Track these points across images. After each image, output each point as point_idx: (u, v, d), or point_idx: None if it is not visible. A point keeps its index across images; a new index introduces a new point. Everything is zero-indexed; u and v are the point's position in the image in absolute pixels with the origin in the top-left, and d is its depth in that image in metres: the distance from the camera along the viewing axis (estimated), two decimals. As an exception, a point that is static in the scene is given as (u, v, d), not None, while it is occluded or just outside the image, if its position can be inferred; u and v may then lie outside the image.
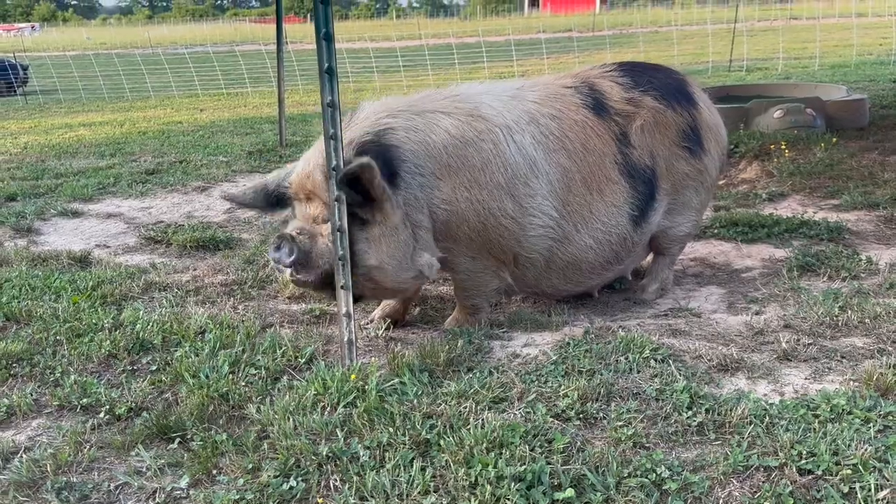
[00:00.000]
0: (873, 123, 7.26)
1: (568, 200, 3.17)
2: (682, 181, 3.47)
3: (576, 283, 3.40)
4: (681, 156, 3.43)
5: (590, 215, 3.23)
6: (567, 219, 3.18)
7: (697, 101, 3.51)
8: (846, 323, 3.05)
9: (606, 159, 3.25)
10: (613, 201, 3.27)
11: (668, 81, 3.49)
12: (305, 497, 2.08)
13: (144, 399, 2.67)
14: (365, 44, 23.41)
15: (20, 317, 3.42)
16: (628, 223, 3.33)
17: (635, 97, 3.36)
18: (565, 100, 3.28)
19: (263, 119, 10.65)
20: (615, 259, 3.41)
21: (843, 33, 20.28)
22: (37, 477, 2.23)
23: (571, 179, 3.18)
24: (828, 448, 2.11)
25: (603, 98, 3.33)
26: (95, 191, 6.19)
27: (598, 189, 3.24)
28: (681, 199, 3.51)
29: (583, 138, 3.22)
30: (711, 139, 3.52)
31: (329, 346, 3.08)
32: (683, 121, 3.42)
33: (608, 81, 3.40)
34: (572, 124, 3.22)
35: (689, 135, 3.43)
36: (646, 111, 3.35)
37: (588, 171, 3.21)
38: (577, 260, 3.28)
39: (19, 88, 16.26)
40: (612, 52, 18.35)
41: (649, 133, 3.34)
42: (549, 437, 2.25)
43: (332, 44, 2.60)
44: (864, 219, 4.63)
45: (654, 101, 3.37)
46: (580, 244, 3.24)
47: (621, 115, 3.32)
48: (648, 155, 3.34)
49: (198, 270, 4.19)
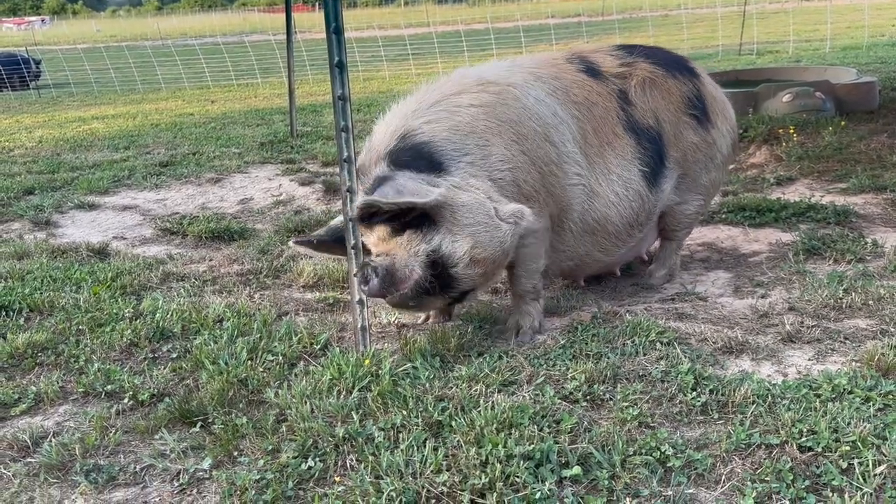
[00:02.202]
0: (883, 106, 7.24)
1: (587, 151, 3.17)
2: (691, 153, 3.47)
3: (605, 249, 3.34)
4: (688, 123, 3.43)
5: (606, 168, 3.21)
6: (590, 170, 3.16)
7: (699, 74, 3.56)
8: (850, 305, 3.10)
9: (610, 114, 3.25)
10: (622, 154, 3.25)
11: (665, 55, 3.54)
12: (323, 476, 2.16)
13: (166, 385, 2.77)
14: (373, 32, 23.40)
15: (43, 307, 3.52)
16: (641, 179, 3.29)
17: (629, 62, 3.40)
18: (560, 66, 3.32)
19: (274, 110, 10.73)
20: (635, 221, 3.35)
21: (854, 15, 20.09)
22: (66, 460, 2.33)
23: (585, 130, 3.17)
24: (828, 426, 2.18)
25: (596, 66, 3.36)
26: (111, 183, 6.29)
27: (608, 142, 3.23)
28: (691, 173, 3.51)
29: (585, 93, 3.23)
30: (718, 112, 3.54)
31: (343, 333, 3.17)
32: (687, 89, 3.44)
33: (600, 55, 3.45)
34: (572, 83, 3.23)
35: (694, 103, 3.44)
36: (641, 72, 3.37)
37: (596, 123, 3.21)
38: (604, 218, 3.22)
39: (32, 82, 16.40)
40: (622, 37, 18.28)
41: (649, 93, 3.35)
42: (556, 418, 2.33)
43: (342, 38, 2.67)
44: (872, 202, 4.66)
45: (650, 65, 3.40)
46: (604, 198, 3.20)
47: (617, 76, 3.34)
48: (652, 116, 3.34)
49: (214, 261, 4.29)
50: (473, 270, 2.78)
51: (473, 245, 2.75)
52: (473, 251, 2.75)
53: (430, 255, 2.73)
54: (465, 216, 2.75)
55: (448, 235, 2.74)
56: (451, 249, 2.73)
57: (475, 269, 2.78)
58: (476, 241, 2.75)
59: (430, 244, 2.73)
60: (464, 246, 2.74)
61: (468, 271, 2.77)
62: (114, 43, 28.85)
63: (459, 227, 2.74)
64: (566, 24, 25.20)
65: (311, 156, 7.04)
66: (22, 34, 39.41)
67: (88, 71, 17.52)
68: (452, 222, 2.75)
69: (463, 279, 2.79)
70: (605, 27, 22.55)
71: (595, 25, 23.50)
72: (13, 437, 2.45)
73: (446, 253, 2.73)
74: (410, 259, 2.72)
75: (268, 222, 5.14)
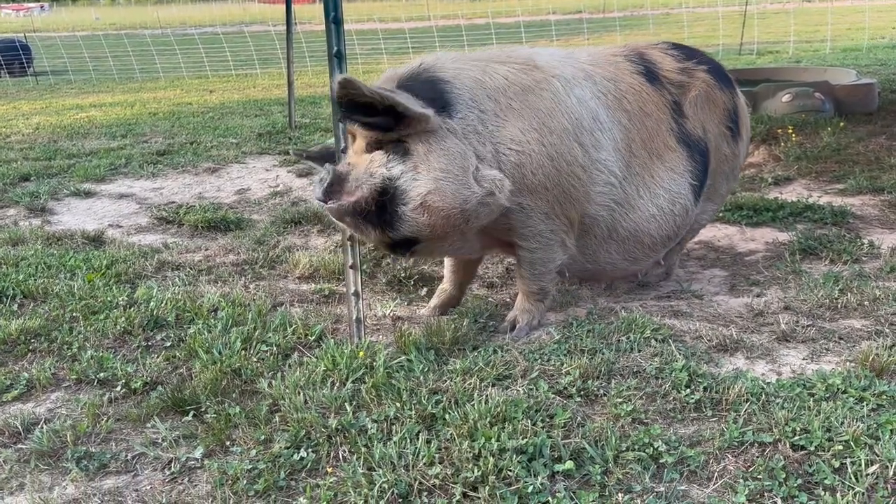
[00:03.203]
0: (882, 108, 7.24)
1: (630, 162, 3.04)
2: (721, 165, 3.40)
3: (633, 259, 3.23)
4: (725, 136, 3.36)
5: (652, 181, 3.10)
6: (630, 182, 3.04)
7: (734, 85, 3.49)
8: (845, 305, 3.10)
9: (663, 125, 3.15)
10: (674, 167, 3.15)
11: (715, 65, 3.44)
12: (316, 467, 2.16)
13: (159, 374, 2.76)
14: (374, 24, 23.33)
15: (37, 294, 3.51)
16: (690, 193, 3.19)
17: (688, 67, 3.29)
18: (618, 65, 3.18)
19: (273, 101, 10.69)
20: (675, 234, 3.26)
21: (855, 16, 20.09)
22: (57, 447, 2.32)
23: (632, 140, 3.06)
24: (821, 425, 2.18)
25: (655, 67, 3.24)
26: (107, 171, 6.26)
27: (658, 154, 3.12)
28: (716, 183, 3.44)
29: (640, 101, 3.11)
30: (744, 124, 3.48)
31: (338, 325, 3.16)
32: (728, 101, 3.37)
33: (658, 52, 3.33)
34: (628, 87, 3.10)
35: (731, 116, 3.38)
36: (700, 83, 3.27)
37: (647, 134, 3.09)
38: (639, 231, 3.12)
39: (29, 69, 16.31)
40: (623, 34, 18.25)
41: (701, 107, 3.26)
42: (550, 413, 2.33)
43: (341, 28, 2.66)
44: (869, 203, 4.66)
45: (707, 74, 3.31)
46: (643, 212, 3.09)
47: (674, 84, 3.23)
48: (701, 128, 3.25)
49: (209, 250, 4.27)
50: (422, 217, 2.59)
51: (431, 190, 2.57)
52: (428, 196, 2.57)
53: (385, 182, 2.59)
54: (438, 159, 2.60)
55: (411, 172, 2.59)
56: (406, 185, 2.58)
57: (424, 215, 2.59)
58: (436, 188, 2.58)
59: (389, 171, 2.60)
60: (421, 188, 2.57)
61: (415, 215, 2.59)
62: (113, 31, 28.72)
63: (427, 168, 2.59)
64: (567, 20, 25.15)
65: (309, 147, 7.01)
66: (21, 20, 39.20)
67: (87, 59, 17.43)
68: (423, 160, 2.60)
69: (407, 221, 2.60)
70: (606, 24, 22.51)
71: (596, 22, 23.46)
72: (4, 422, 2.44)
73: (400, 187, 2.58)
74: (364, 176, 2.60)
75: (264, 213, 5.13)
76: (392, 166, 2.60)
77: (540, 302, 3.09)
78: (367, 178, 2.60)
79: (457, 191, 2.61)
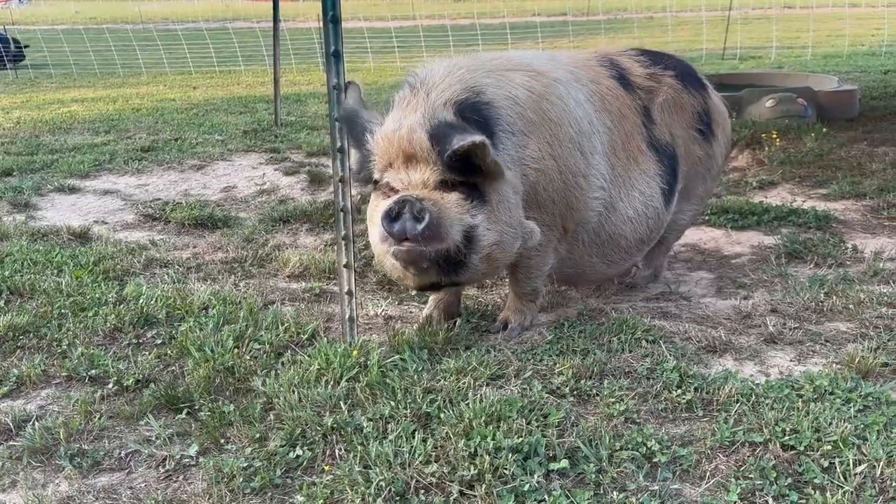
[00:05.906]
0: (863, 114, 7.36)
1: (614, 165, 3.06)
2: (694, 166, 3.44)
3: (611, 262, 3.25)
4: (696, 139, 3.40)
5: (629, 184, 3.12)
6: (613, 184, 3.06)
7: (707, 86, 3.53)
8: (831, 308, 3.16)
9: (636, 129, 3.18)
10: (646, 171, 3.17)
11: (683, 67, 3.49)
12: (312, 465, 2.16)
13: (151, 371, 2.74)
14: (358, 23, 23.27)
15: (23, 290, 3.47)
16: (660, 197, 3.23)
17: (655, 73, 3.32)
18: (594, 68, 3.22)
19: (257, 98, 10.63)
20: (647, 238, 3.29)
21: (836, 23, 20.34)
22: (50, 444, 2.31)
23: (615, 142, 3.08)
24: (810, 426, 2.22)
25: (626, 73, 3.27)
26: (91, 167, 6.19)
27: (634, 157, 3.15)
28: (690, 185, 3.49)
29: (618, 104, 3.15)
30: (719, 125, 3.52)
31: (330, 324, 3.16)
32: (698, 104, 3.40)
33: (627, 59, 3.37)
34: (607, 90, 3.14)
35: (702, 118, 3.41)
36: (667, 88, 3.31)
37: (625, 136, 3.12)
38: (617, 233, 3.14)
39: (10, 64, 16.08)
40: (607, 37, 18.35)
41: (668, 112, 3.30)
42: (544, 412, 2.35)
43: (339, 27, 2.66)
44: (852, 208, 4.74)
45: (673, 80, 3.35)
46: (622, 214, 3.11)
47: (643, 90, 3.27)
48: (668, 133, 3.29)
49: (198, 248, 4.25)
50: (482, 265, 2.64)
51: (497, 242, 2.62)
52: (494, 248, 2.62)
53: (469, 231, 2.55)
54: (505, 211, 2.64)
55: (487, 222, 2.59)
56: (482, 235, 2.58)
57: (486, 265, 2.65)
58: (501, 241, 2.63)
59: (474, 219, 2.56)
60: (492, 238, 2.60)
61: (479, 264, 2.62)
62: (93, 25, 28.39)
63: (496, 219, 2.61)
64: (552, 22, 25.24)
65: (295, 145, 6.98)
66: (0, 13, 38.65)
67: (68, 53, 17.22)
68: (495, 210, 2.61)
69: (472, 268, 2.63)
70: (590, 27, 22.62)
71: (580, 25, 23.55)
72: (-5, 419, 2.42)
73: (478, 236, 2.57)
74: (456, 222, 2.52)
75: (252, 211, 5.10)
76: (475, 214, 2.57)
77: (532, 302, 3.12)
78: (458, 223, 2.53)
79: (512, 243, 2.70)
